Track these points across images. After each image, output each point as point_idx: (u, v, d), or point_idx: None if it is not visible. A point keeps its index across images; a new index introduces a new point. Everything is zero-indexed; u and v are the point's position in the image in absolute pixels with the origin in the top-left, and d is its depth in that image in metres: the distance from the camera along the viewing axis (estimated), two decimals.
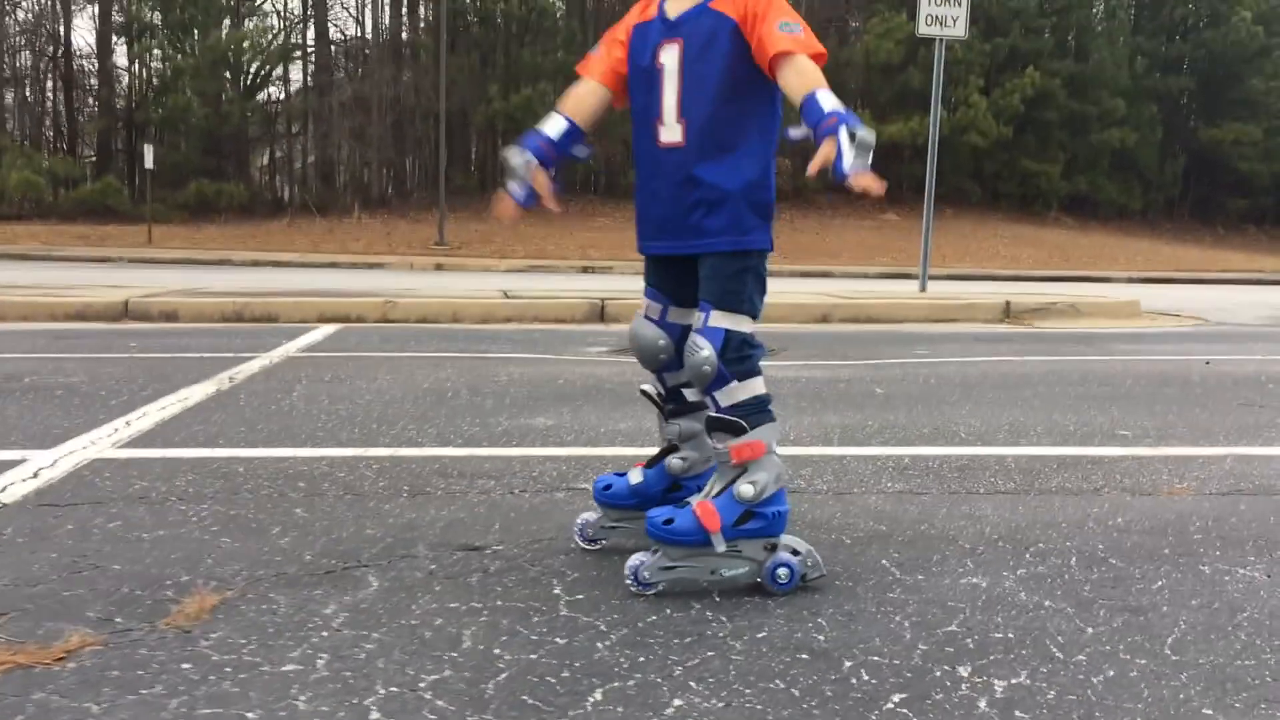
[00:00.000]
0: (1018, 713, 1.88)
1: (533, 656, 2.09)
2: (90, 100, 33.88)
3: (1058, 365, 6.82)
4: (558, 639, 2.18)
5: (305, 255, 22.43)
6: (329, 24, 36.16)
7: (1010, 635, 2.24)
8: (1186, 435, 4.50)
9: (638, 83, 2.54)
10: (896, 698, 1.93)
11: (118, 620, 2.23)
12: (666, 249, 2.56)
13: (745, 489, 2.42)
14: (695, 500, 2.46)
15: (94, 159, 32.97)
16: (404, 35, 35.58)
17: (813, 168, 2.21)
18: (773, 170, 2.57)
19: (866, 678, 2.02)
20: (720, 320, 2.43)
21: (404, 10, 36.67)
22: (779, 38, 2.36)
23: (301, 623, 2.23)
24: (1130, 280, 21.75)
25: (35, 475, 3.41)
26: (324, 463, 3.69)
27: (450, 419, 4.57)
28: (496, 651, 2.11)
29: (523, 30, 33.03)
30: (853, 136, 2.17)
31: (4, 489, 3.22)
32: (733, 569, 2.46)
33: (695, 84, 2.45)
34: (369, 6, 37.57)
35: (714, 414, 2.46)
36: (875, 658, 2.11)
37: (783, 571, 2.45)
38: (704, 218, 2.47)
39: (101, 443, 3.92)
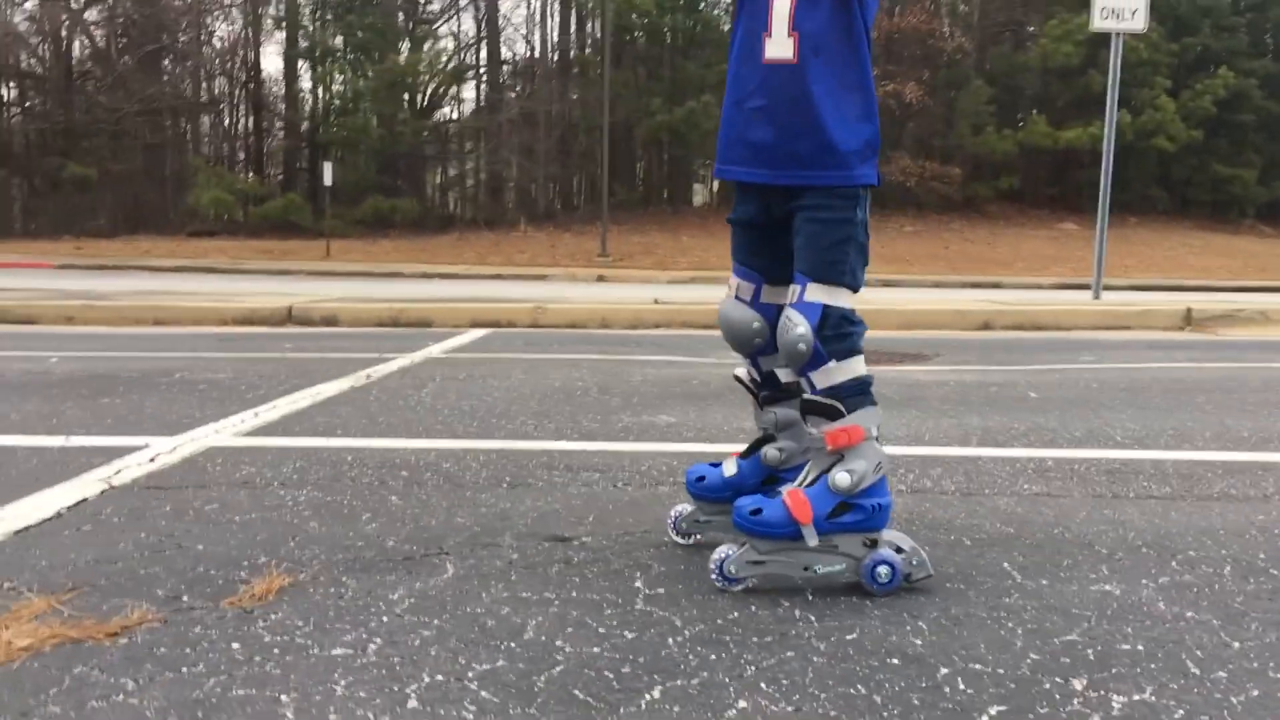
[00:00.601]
0: None
1: (595, 650, 1.93)
2: (277, 122, 35.66)
3: (1238, 371, 6.27)
4: (627, 633, 2.02)
5: (471, 267, 22.97)
6: (500, 44, 37.13)
7: (1140, 647, 1.96)
8: None
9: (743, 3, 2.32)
10: (994, 710, 1.70)
11: (184, 599, 2.18)
12: (760, 177, 2.33)
13: (841, 478, 2.21)
14: (786, 489, 2.26)
15: (280, 177, 34.65)
16: (571, 53, 36.17)
17: None
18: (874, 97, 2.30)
19: (963, 687, 1.78)
20: (817, 294, 2.23)
21: (572, 27, 37.32)
22: None
23: (365, 607, 2.14)
24: None
25: (152, 460, 3.45)
26: (432, 454, 3.63)
27: (572, 415, 4.47)
28: (558, 643, 1.96)
29: (687, 42, 33.10)
30: None
31: (118, 472, 3.26)
32: (828, 565, 2.25)
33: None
34: (538, 25, 38.38)
35: (809, 396, 2.26)
36: (976, 666, 1.87)
37: (883, 570, 2.22)
38: (809, 147, 2.23)
39: (225, 432, 3.97)
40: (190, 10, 33.69)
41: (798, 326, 2.21)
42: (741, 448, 2.60)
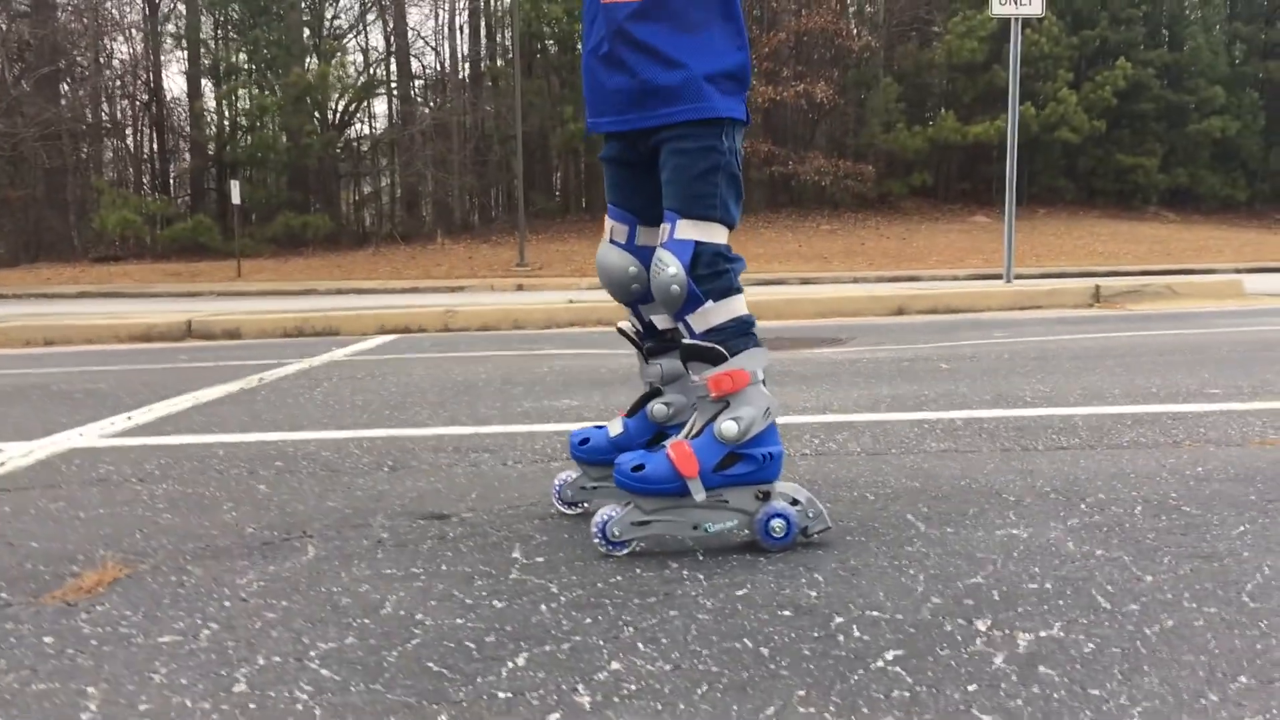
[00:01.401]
0: (1043, 668, 1.48)
1: (459, 621, 1.74)
2: (182, 142, 34.82)
3: (1146, 339, 6.26)
4: (496, 602, 1.83)
5: (387, 281, 22.55)
6: (410, 56, 36.65)
7: (1048, 586, 1.82)
8: None
9: None
10: (890, 655, 1.54)
11: (1, 595, 1.95)
12: (621, 124, 2.17)
13: (728, 426, 2.04)
14: (670, 442, 2.09)
15: (188, 199, 33.83)
16: (483, 64, 35.87)
17: None
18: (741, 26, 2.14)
19: (858, 634, 1.63)
20: (688, 231, 2.06)
21: (482, 38, 37.01)
22: None
23: (206, 594, 1.92)
24: (1237, 271, 20.61)
25: (1, 465, 3.18)
26: (312, 444, 3.40)
27: (470, 404, 4.26)
28: (418, 617, 1.77)
29: None
30: None
31: None
32: (719, 522, 2.08)
33: None
34: (448, 37, 38.01)
35: (688, 341, 2.09)
36: (874, 613, 1.72)
37: (777, 523, 2.06)
38: (661, 84, 2.07)
39: (89, 434, 3.70)
40: (88, 32, 32.76)
41: (669, 267, 2.04)
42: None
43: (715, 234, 2.07)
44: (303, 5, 34.24)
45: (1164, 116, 34.21)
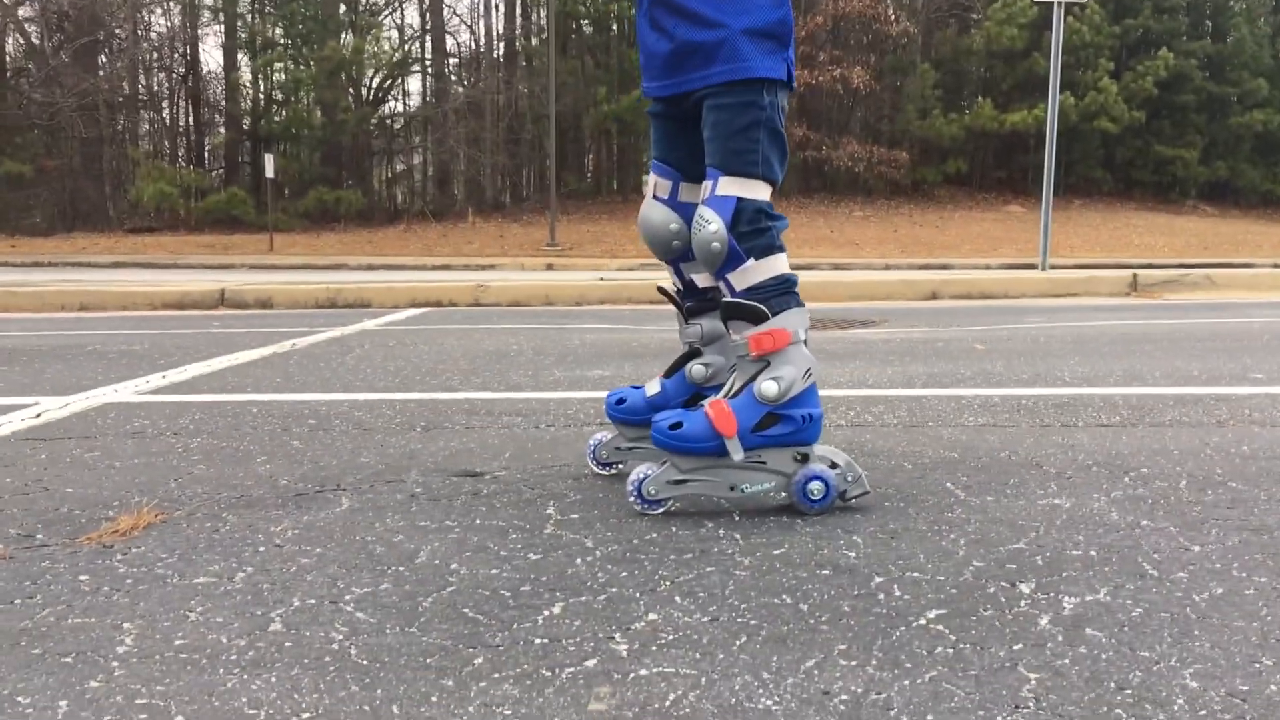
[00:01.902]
0: (1090, 630, 1.45)
1: (494, 571, 1.73)
2: (217, 115, 34.99)
3: (1186, 326, 6.17)
4: (531, 555, 1.82)
5: (418, 258, 22.60)
6: (445, 34, 36.66)
7: (1093, 553, 1.79)
8: None
9: None
10: (932, 614, 1.52)
11: (38, 536, 1.95)
12: (664, 89, 2.15)
13: (768, 386, 2.02)
14: (709, 401, 2.06)
15: (222, 172, 34.02)
16: (517, 43, 35.81)
17: None
18: None
19: (899, 594, 1.60)
20: (730, 187, 2.03)
21: (518, 16, 36.94)
22: None
23: (241, 539, 1.92)
24: (1276, 266, 20.34)
25: (37, 416, 3.20)
26: (345, 404, 3.40)
27: (502, 372, 4.25)
28: (453, 566, 1.76)
29: (633, 31, 32.86)
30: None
31: None
32: (756, 484, 2.06)
33: None
34: (483, 15, 37.97)
35: (729, 299, 2.06)
36: (914, 574, 1.69)
37: (815, 486, 2.04)
38: (697, 45, 2.04)
39: (125, 390, 3.72)
40: (126, 3, 32.94)
41: (710, 224, 2.01)
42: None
43: (757, 190, 2.03)
44: None
45: (1205, 108, 33.72)
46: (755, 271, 2.03)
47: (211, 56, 40.06)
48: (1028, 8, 29.15)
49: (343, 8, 34.61)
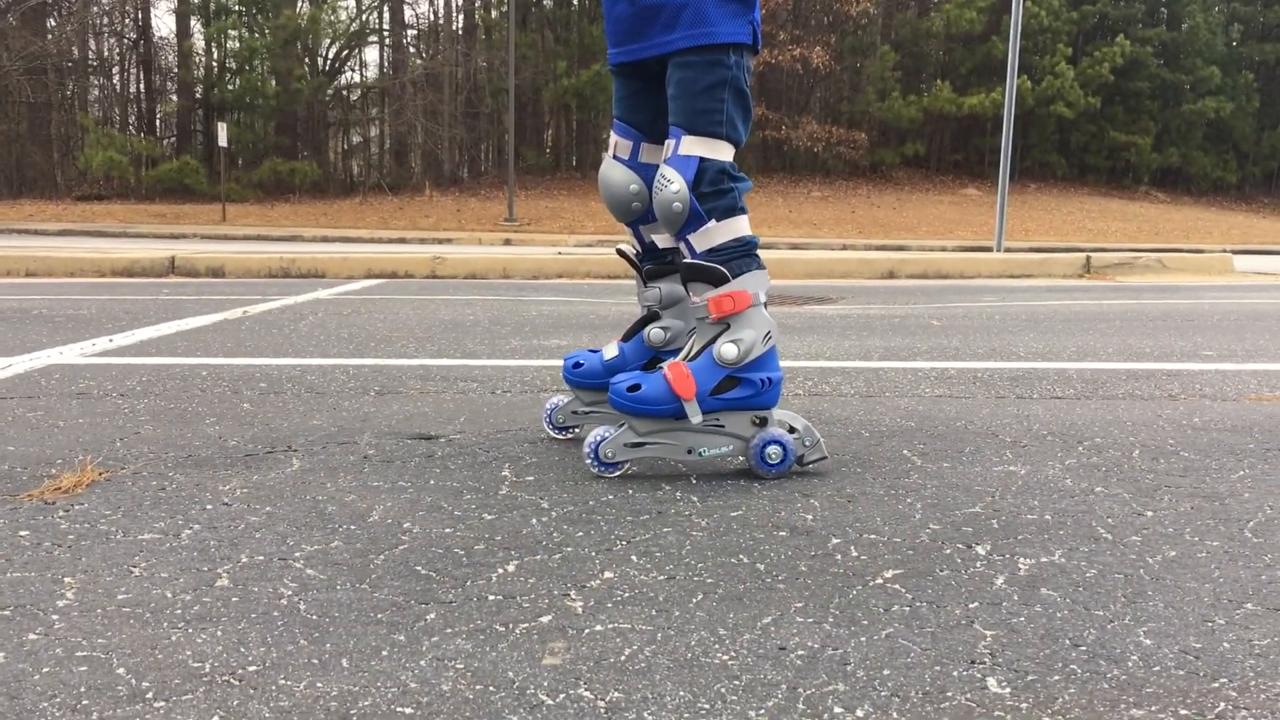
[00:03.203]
0: (1045, 590, 1.45)
1: (447, 530, 1.70)
2: (169, 83, 34.36)
3: (1138, 306, 6.24)
4: (485, 515, 1.79)
5: (374, 231, 22.37)
6: (404, 4, 36.21)
7: (1047, 517, 1.79)
8: None
9: None
10: (888, 573, 1.51)
11: None
12: (627, 55, 2.12)
13: (728, 349, 2.00)
14: (668, 364, 2.05)
15: (173, 140, 33.43)
16: (476, 15, 35.46)
17: None
18: None
19: (856, 554, 1.60)
20: (693, 147, 2.00)
21: None
22: None
23: (188, 498, 1.88)
24: (1224, 251, 20.67)
25: None
26: (297, 368, 3.35)
27: (458, 340, 4.21)
28: (406, 525, 1.73)
29: (594, 5, 32.62)
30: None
31: None
32: (714, 447, 2.04)
33: None
34: None
35: (689, 260, 2.04)
36: (871, 536, 1.69)
37: (773, 450, 2.03)
38: (663, 8, 2.02)
39: (71, 353, 3.64)
40: None
41: (671, 183, 1.99)
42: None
43: (721, 151, 2.01)
44: None
45: (1159, 95, 34.15)
46: (717, 233, 2.01)
47: (164, 22, 39.27)
48: None
49: None
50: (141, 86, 34.50)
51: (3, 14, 31.14)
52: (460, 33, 35.70)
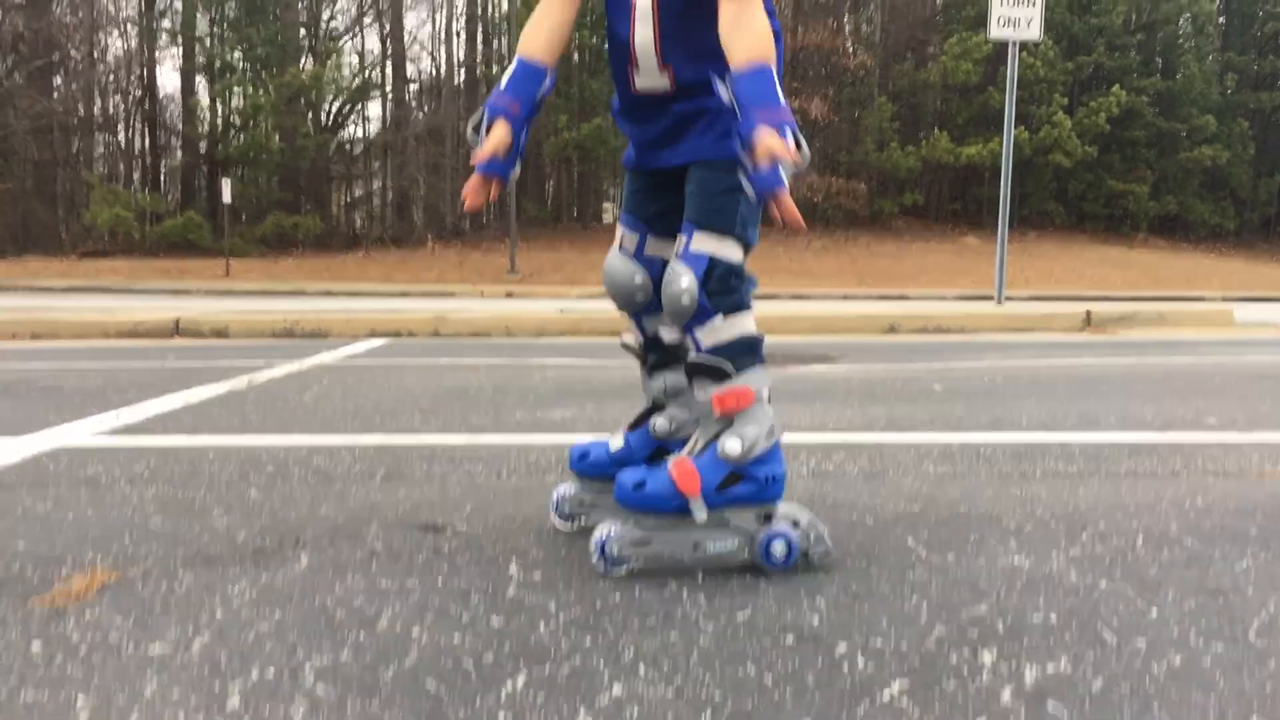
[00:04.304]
0: (1051, 703, 1.46)
1: (456, 638, 1.72)
2: (174, 139, 34.70)
3: (1139, 366, 6.26)
4: (494, 620, 1.80)
5: (377, 285, 22.48)
6: (406, 60, 36.67)
7: (1052, 618, 1.80)
8: None
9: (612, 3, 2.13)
10: (896, 686, 1.52)
11: None
12: (653, 163, 2.19)
13: (732, 445, 2.02)
14: (672, 459, 2.07)
15: (178, 196, 33.69)
16: (478, 69, 35.86)
17: (763, 158, 1.80)
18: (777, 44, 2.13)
19: (863, 664, 1.60)
20: (704, 244, 2.04)
21: (479, 44, 37.03)
22: None
23: (198, 602, 1.89)
24: (1225, 300, 20.74)
25: None
26: (303, 449, 3.36)
27: (463, 412, 4.23)
28: (415, 633, 1.74)
29: (594, 59, 33.01)
30: (798, 144, 1.82)
31: None
32: (719, 543, 2.06)
33: (672, 27, 2.05)
34: (444, 42, 38.05)
35: (694, 357, 2.07)
36: (878, 642, 1.70)
37: (778, 546, 2.04)
38: (692, 133, 2.09)
39: (79, 432, 3.66)
40: (83, 25, 32.66)
41: (682, 278, 2.02)
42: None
43: (731, 251, 2.04)
44: (299, 5, 34.21)
45: (1155, 144, 34.42)
46: (723, 329, 2.04)
47: (169, 80, 39.72)
48: (983, 43, 29.60)
49: (303, 33, 34.54)
50: (146, 143, 34.85)
51: (9, 73, 31.53)
52: (462, 86, 36.10)
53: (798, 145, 1.81)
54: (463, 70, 37.10)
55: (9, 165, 30.86)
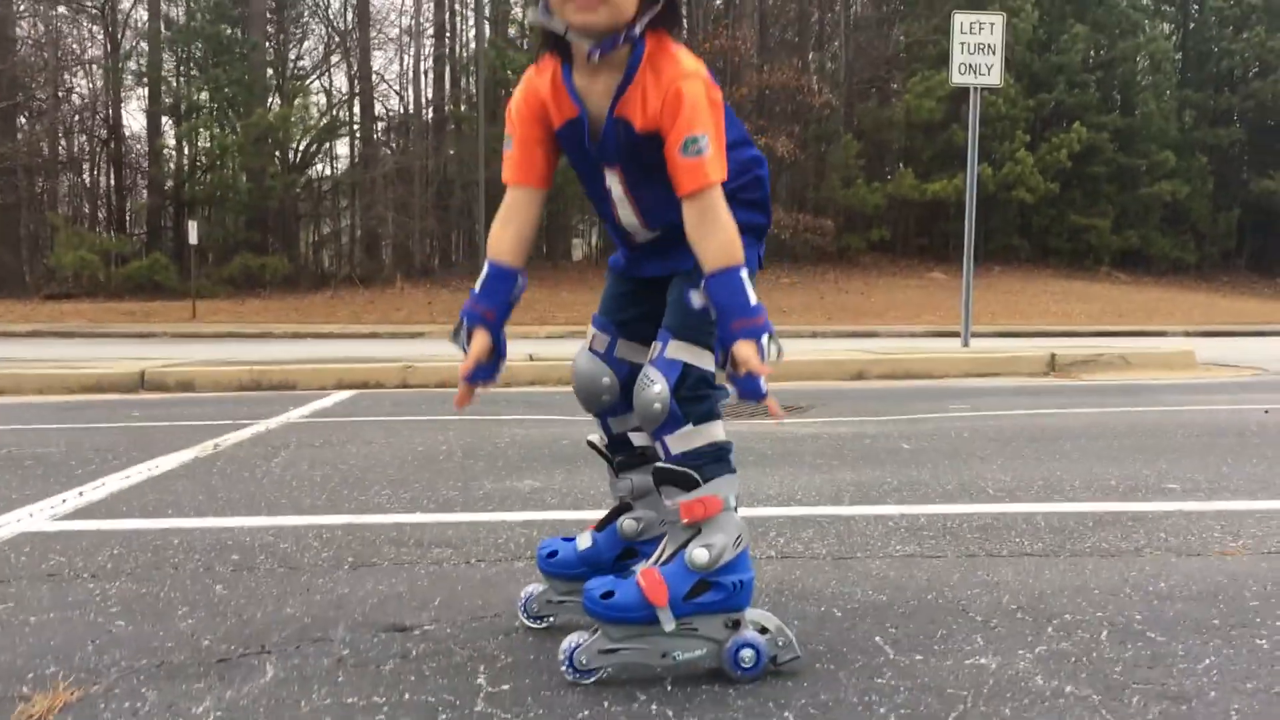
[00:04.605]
0: None
1: None
2: (140, 179, 34.52)
3: (1102, 417, 6.34)
4: None
5: (346, 326, 22.40)
6: (374, 99, 36.71)
7: None
8: (1242, 488, 4.02)
9: (586, 175, 2.17)
10: None
11: None
12: (641, 272, 2.24)
13: (699, 554, 2.03)
14: (640, 568, 2.07)
15: (144, 237, 33.48)
16: (447, 108, 35.97)
17: (743, 371, 1.93)
18: (758, 170, 2.18)
19: None
20: (678, 352, 2.06)
21: (447, 84, 37.15)
22: (680, 168, 1.95)
23: None
24: (1187, 334, 21.01)
25: None
26: (269, 532, 3.34)
27: (430, 483, 4.22)
28: None
29: None
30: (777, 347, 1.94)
31: None
32: (688, 651, 2.06)
33: (651, 201, 2.11)
34: (412, 81, 38.14)
35: (663, 464, 2.08)
36: None
37: (747, 654, 2.05)
38: (680, 246, 2.09)
39: (40, 515, 3.62)
40: (48, 66, 32.53)
41: (654, 384, 2.03)
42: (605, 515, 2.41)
43: (704, 360, 2.06)
44: (266, 45, 34.24)
45: (1116, 179, 34.98)
46: (693, 436, 2.05)
47: (135, 119, 39.52)
48: (945, 81, 30.03)
49: (270, 72, 34.54)
50: (112, 183, 34.65)
51: None
52: (430, 125, 36.18)
53: (777, 349, 1.93)
54: (431, 109, 37.20)
55: None
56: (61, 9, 33.44)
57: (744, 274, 1.95)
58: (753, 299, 1.95)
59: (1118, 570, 2.84)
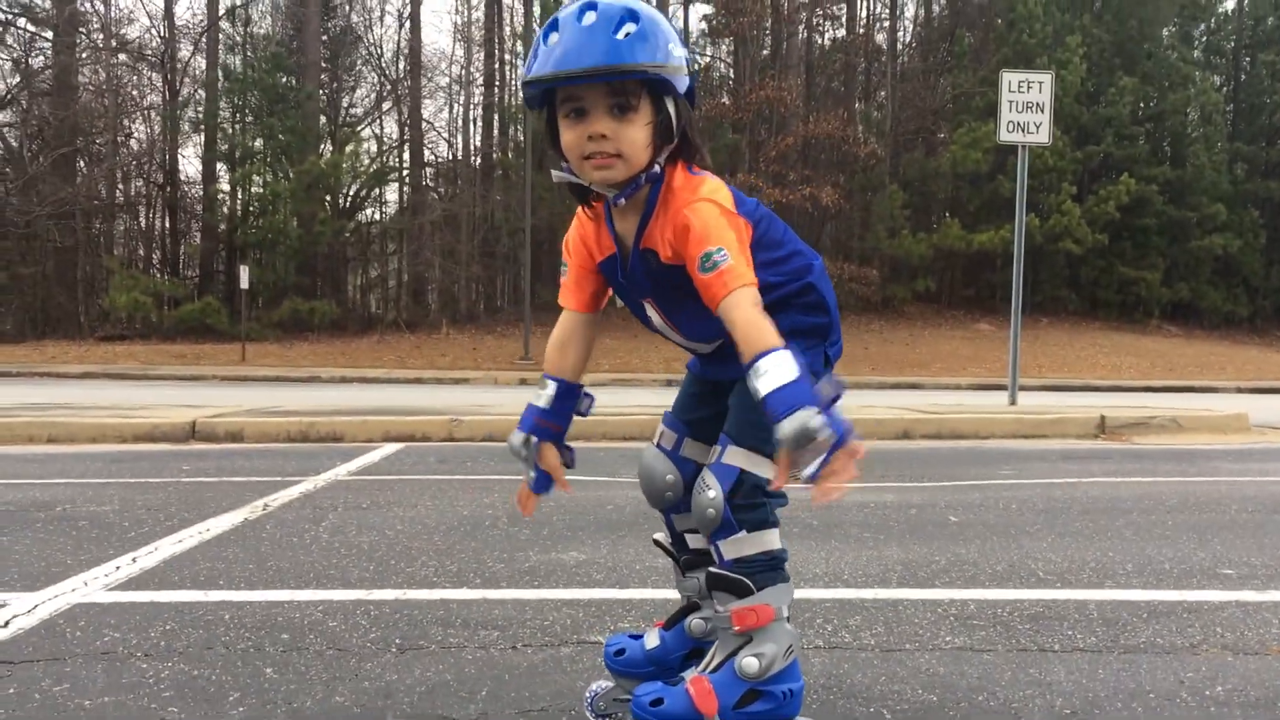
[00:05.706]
0: None
1: None
2: (193, 224, 35.22)
3: (1154, 488, 6.24)
4: None
5: (391, 371, 22.64)
6: (424, 146, 37.28)
7: None
8: None
9: (631, 305, 2.26)
10: None
11: None
12: (707, 374, 2.32)
13: (749, 663, 2.03)
14: (689, 676, 2.07)
15: (196, 280, 34.09)
16: (494, 155, 36.42)
17: (781, 479, 1.87)
18: (817, 273, 2.19)
19: None
20: (736, 458, 2.07)
21: (495, 131, 37.65)
22: (704, 284, 1.97)
23: None
24: (1239, 390, 20.70)
25: (5, 625, 3.15)
26: (319, 608, 3.37)
27: (476, 554, 4.24)
28: None
29: None
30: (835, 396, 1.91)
31: None
32: None
33: (686, 321, 2.20)
34: (461, 128, 38.72)
35: (715, 570, 2.08)
36: None
37: None
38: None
39: (94, 584, 3.67)
40: (107, 113, 33.37)
41: (710, 490, 2.05)
42: (652, 595, 2.43)
43: (761, 467, 2.07)
44: (320, 94, 34.92)
45: (1166, 231, 34.64)
46: (746, 543, 2.06)
47: (191, 165, 40.44)
48: (991, 133, 30.00)
49: (322, 119, 35.20)
50: (167, 226, 35.38)
51: (34, 159, 32.13)
52: (478, 172, 36.64)
53: (834, 397, 1.88)
54: (479, 157, 37.70)
55: (30, 249, 31.33)
56: (122, 57, 34.38)
57: (782, 355, 1.88)
58: (792, 374, 1.85)
59: (1173, 670, 2.79)
